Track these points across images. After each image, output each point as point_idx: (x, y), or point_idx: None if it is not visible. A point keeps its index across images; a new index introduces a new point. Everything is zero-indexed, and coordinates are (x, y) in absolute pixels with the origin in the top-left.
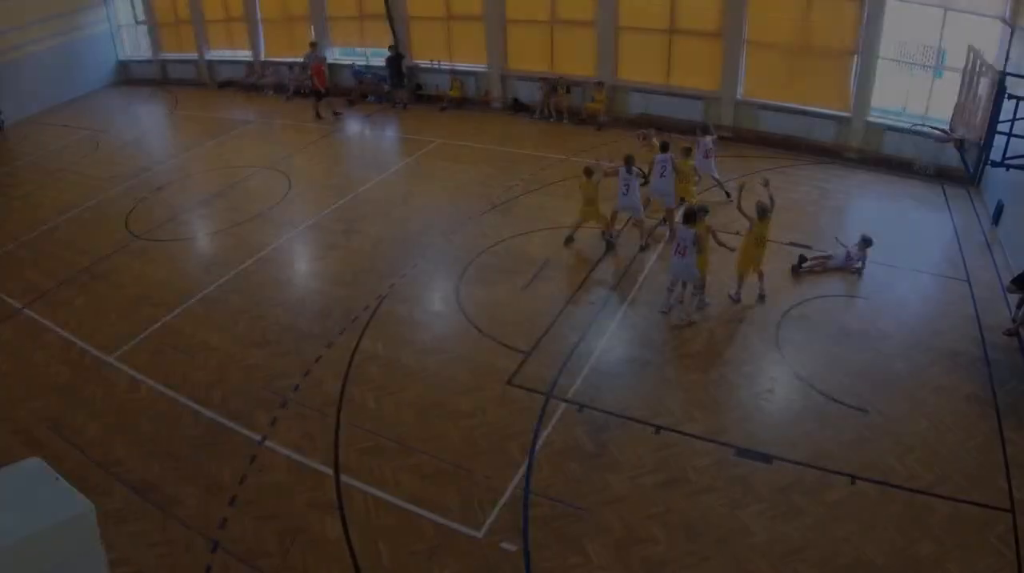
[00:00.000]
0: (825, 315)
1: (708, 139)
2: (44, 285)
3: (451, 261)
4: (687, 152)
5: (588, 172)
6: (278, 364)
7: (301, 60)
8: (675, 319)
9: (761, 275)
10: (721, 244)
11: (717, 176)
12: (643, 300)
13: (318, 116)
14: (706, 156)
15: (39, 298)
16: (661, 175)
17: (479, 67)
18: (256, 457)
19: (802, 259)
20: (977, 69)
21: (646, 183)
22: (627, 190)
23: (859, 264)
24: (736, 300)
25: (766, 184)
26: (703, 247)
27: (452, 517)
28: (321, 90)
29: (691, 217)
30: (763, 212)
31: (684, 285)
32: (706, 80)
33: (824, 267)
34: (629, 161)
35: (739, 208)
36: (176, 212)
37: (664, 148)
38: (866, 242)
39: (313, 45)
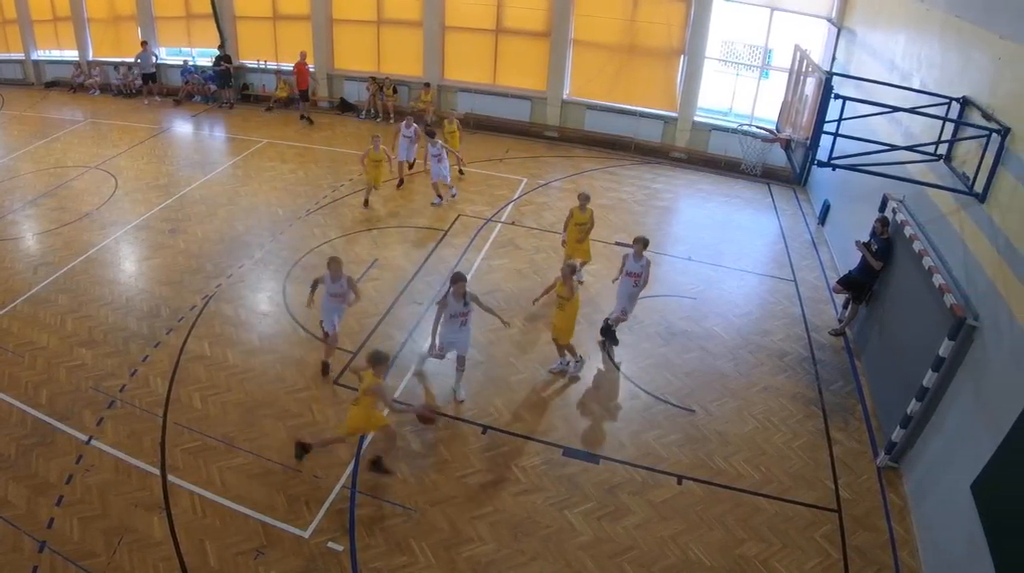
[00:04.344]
0: (652, 315)
1: (438, 143)
2: None
3: (278, 261)
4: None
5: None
6: (105, 364)
7: (150, 59)
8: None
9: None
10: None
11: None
12: None
13: (308, 120)
14: (439, 161)
15: None
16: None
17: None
18: (83, 457)
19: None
20: (804, 69)
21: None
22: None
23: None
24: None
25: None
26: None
27: (279, 517)
28: (300, 91)
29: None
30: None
31: None
32: (533, 80)
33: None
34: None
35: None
36: (3, 212)
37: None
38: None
39: (144, 44)
